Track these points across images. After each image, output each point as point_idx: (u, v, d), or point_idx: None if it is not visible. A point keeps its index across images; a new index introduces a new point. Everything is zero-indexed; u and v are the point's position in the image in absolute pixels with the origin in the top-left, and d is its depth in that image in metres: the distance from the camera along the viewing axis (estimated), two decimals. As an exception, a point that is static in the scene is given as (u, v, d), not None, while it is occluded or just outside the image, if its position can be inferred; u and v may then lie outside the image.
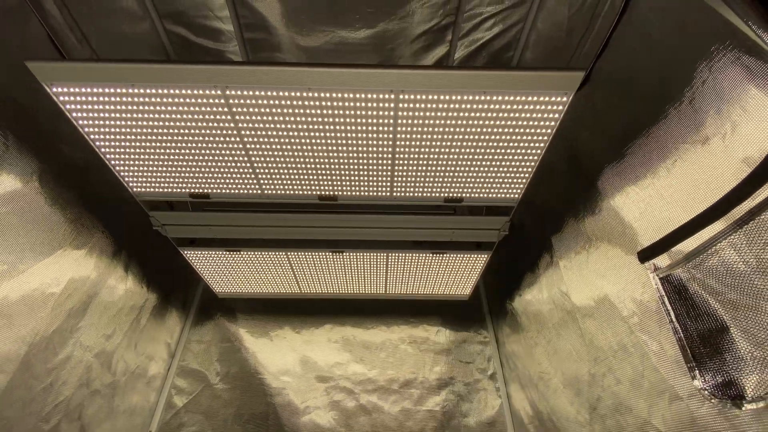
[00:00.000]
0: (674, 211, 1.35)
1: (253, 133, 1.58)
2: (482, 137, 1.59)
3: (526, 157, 1.69)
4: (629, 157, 1.59)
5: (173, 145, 1.64)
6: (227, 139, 1.61)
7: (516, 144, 1.62)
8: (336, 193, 1.89)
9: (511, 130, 1.55)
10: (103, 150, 1.66)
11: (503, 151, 1.65)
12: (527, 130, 1.56)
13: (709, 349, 1.12)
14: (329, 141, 1.62)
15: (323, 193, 1.89)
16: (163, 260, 2.75)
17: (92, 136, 1.60)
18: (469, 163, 1.71)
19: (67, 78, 1.37)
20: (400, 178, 1.80)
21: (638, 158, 1.54)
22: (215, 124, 1.54)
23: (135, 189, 1.87)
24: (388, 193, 1.89)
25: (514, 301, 2.73)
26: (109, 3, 2.11)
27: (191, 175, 1.79)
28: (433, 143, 1.62)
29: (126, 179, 1.81)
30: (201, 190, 1.88)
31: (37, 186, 1.72)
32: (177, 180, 1.83)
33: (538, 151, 1.65)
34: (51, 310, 1.80)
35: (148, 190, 1.88)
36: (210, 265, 2.51)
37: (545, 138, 1.60)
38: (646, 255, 1.39)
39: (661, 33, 1.43)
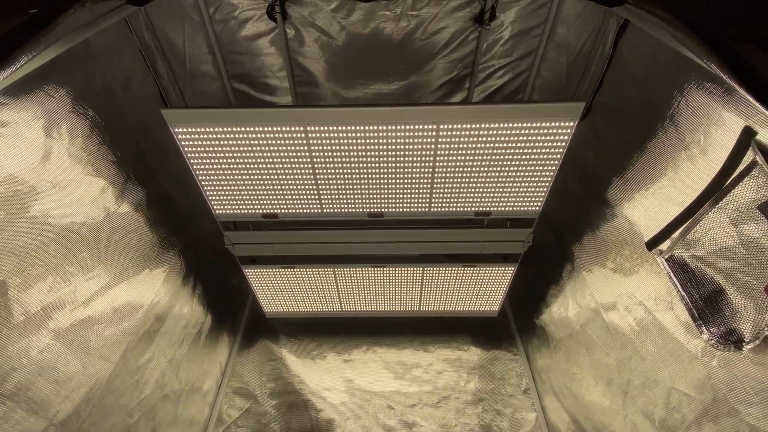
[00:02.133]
0: (671, 206, 1.65)
1: (322, 160, 1.98)
2: (506, 158, 1.96)
3: (543, 173, 2.03)
4: (630, 169, 1.93)
5: (255, 172, 2.04)
6: (302, 166, 2.01)
7: (534, 162, 1.98)
8: (383, 209, 2.25)
9: (529, 151, 1.92)
10: (200, 178, 2.06)
11: (524, 169, 2.01)
12: (543, 150, 1.92)
13: (711, 309, 1.38)
14: (381, 164, 2.00)
15: (372, 210, 2.25)
16: (217, 287, 3.07)
17: (195, 167, 2.01)
18: (496, 180, 2.07)
19: (187, 120, 1.81)
20: (437, 195, 2.16)
21: (638, 169, 1.88)
22: (294, 155, 1.95)
23: (217, 211, 2.25)
24: (427, 209, 2.23)
25: (542, 314, 2.93)
26: (196, 67, 2.67)
27: (265, 197, 2.18)
28: (466, 164, 1.99)
29: (213, 203, 2.20)
30: (271, 211, 2.25)
31: (144, 209, 2.12)
32: (253, 202, 2.21)
33: (554, 167, 2.00)
34: (144, 314, 2.11)
35: (227, 212, 2.26)
36: (264, 283, 2.81)
37: (558, 156, 1.95)
38: (652, 244, 1.68)
39: (643, 71, 1.84)
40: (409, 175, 2.06)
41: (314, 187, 2.12)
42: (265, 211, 2.26)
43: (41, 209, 1.48)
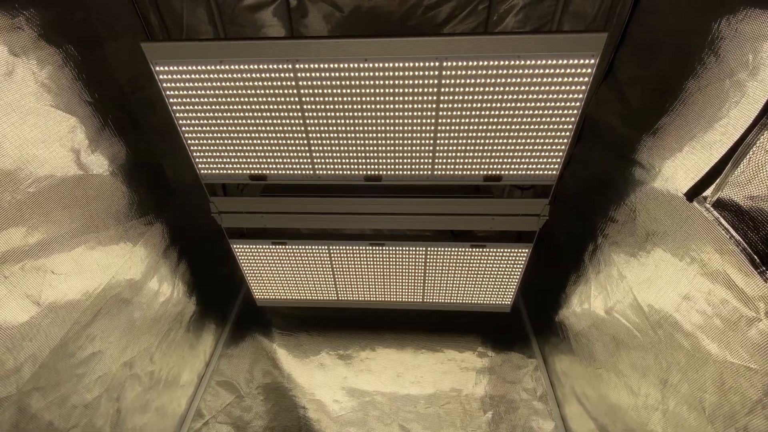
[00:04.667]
0: (716, 149, 1.40)
1: (313, 107, 1.81)
2: (517, 105, 1.74)
3: (559, 127, 1.81)
4: (664, 120, 1.68)
5: (243, 122, 1.88)
6: (291, 114, 1.84)
7: (549, 112, 1.76)
8: (381, 172, 2.04)
9: (543, 96, 1.71)
10: (184, 129, 1.91)
11: (538, 120, 1.78)
12: (558, 96, 1.70)
13: (778, 251, 1.10)
14: (378, 115, 1.81)
15: (369, 173, 2.04)
16: (207, 271, 2.87)
17: (177, 114, 1.86)
18: (506, 135, 1.85)
19: (170, 56, 1.68)
20: (441, 154, 1.94)
21: (673, 118, 1.63)
22: (282, 99, 1.79)
23: (203, 171, 2.09)
24: (430, 172, 2.01)
25: (561, 308, 2.61)
26: (194, 34, 2.59)
27: (253, 155, 2.00)
28: (473, 113, 1.78)
29: (197, 160, 2.04)
30: (260, 171, 2.07)
31: (122, 163, 1.97)
32: (240, 161, 2.04)
33: (572, 120, 1.77)
34: (112, 277, 1.92)
35: (213, 172, 2.09)
36: (254, 263, 2.60)
37: (577, 105, 1.73)
38: (693, 192, 1.41)
39: (674, 6, 1.64)
40: (410, 128, 1.86)
41: (305, 142, 1.94)
42: (253, 171, 2.08)
43: (-6, 130, 1.33)
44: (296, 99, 1.79)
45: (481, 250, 2.40)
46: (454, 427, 2.57)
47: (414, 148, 1.93)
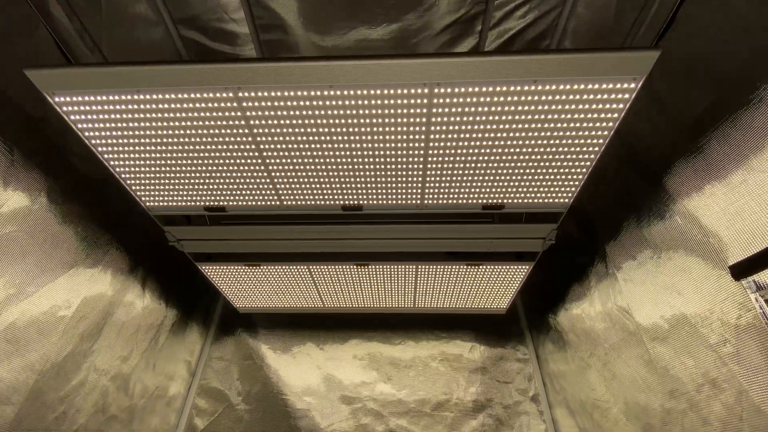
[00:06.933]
0: (778, 215, 1.09)
1: (269, 139, 1.42)
2: (529, 134, 1.37)
3: (579, 157, 1.45)
4: (708, 149, 1.34)
5: (185, 155, 1.50)
6: (241, 147, 1.46)
7: (569, 142, 1.39)
8: (361, 202, 1.72)
9: (564, 125, 1.33)
10: (112, 163, 1.54)
11: (553, 149, 1.43)
12: (583, 124, 1.33)
13: None
14: (354, 146, 1.44)
15: (347, 202, 1.72)
16: (182, 275, 2.65)
17: (100, 149, 1.48)
18: (512, 165, 1.50)
19: (70, 86, 1.25)
20: (432, 184, 1.61)
21: (721, 150, 1.29)
22: (228, 131, 1.39)
23: (148, 204, 1.75)
24: (419, 201, 1.69)
25: (559, 315, 2.47)
26: (120, 9, 2.02)
27: (205, 187, 1.66)
28: (471, 144, 1.42)
29: (138, 193, 1.69)
30: (216, 203, 1.74)
31: (45, 202, 1.62)
32: (191, 193, 1.69)
33: (596, 149, 1.42)
34: (62, 334, 1.70)
35: (161, 204, 1.76)
36: (229, 280, 2.38)
37: (605, 133, 1.36)
38: (742, 270, 1.14)
39: (744, 16, 1.19)
40: (393, 159, 1.50)
41: (264, 173, 1.58)
42: (208, 203, 1.75)
43: None
44: (245, 131, 1.39)
45: (476, 268, 2.17)
46: (447, 428, 2.59)
47: (400, 177, 1.58)
